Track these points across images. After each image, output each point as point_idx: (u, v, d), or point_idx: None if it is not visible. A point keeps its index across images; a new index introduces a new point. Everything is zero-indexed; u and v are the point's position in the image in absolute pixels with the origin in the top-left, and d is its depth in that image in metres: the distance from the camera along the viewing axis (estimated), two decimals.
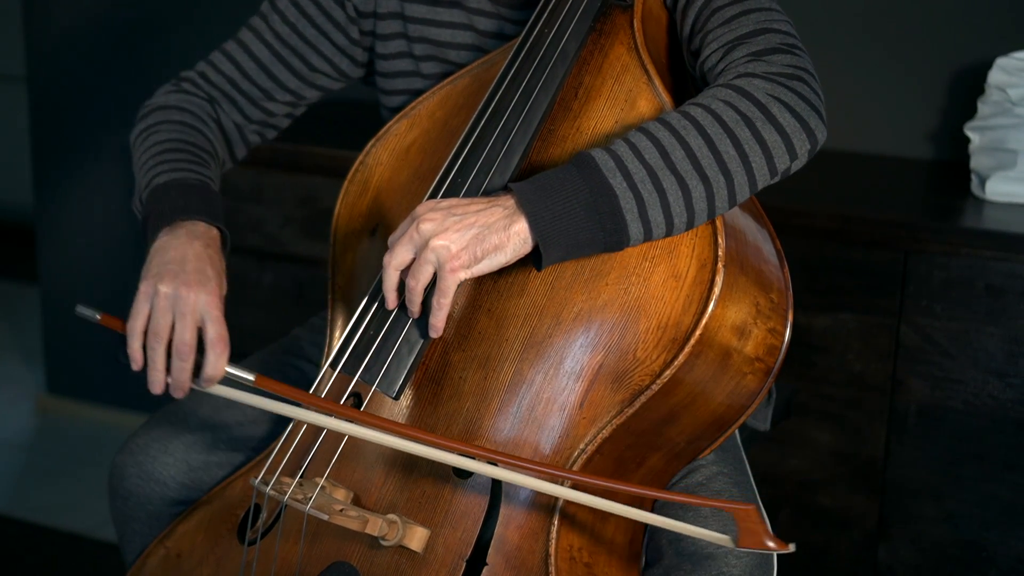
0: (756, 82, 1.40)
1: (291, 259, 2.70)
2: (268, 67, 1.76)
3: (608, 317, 1.41)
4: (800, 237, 2.26)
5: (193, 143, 1.68)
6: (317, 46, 1.75)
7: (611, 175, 1.34)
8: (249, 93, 1.77)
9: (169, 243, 1.51)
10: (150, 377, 1.46)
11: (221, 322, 1.45)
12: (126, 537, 1.74)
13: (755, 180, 1.38)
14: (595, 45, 1.54)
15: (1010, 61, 2.31)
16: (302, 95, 1.79)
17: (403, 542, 1.44)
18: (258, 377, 1.44)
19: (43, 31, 3.47)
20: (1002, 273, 2.15)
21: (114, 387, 3.58)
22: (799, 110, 1.39)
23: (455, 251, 1.35)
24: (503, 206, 1.36)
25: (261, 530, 1.58)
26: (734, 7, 1.49)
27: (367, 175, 1.67)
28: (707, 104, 1.38)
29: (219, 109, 1.77)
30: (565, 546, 1.43)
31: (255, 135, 1.81)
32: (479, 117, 1.53)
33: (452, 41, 1.73)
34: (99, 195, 3.48)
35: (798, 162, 1.41)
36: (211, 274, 1.48)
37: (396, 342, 1.47)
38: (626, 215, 1.34)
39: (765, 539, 1.28)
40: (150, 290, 1.47)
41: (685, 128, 1.36)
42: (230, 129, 1.78)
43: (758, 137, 1.37)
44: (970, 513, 2.23)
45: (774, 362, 1.48)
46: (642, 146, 1.35)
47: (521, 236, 1.35)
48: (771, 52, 1.43)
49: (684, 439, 1.49)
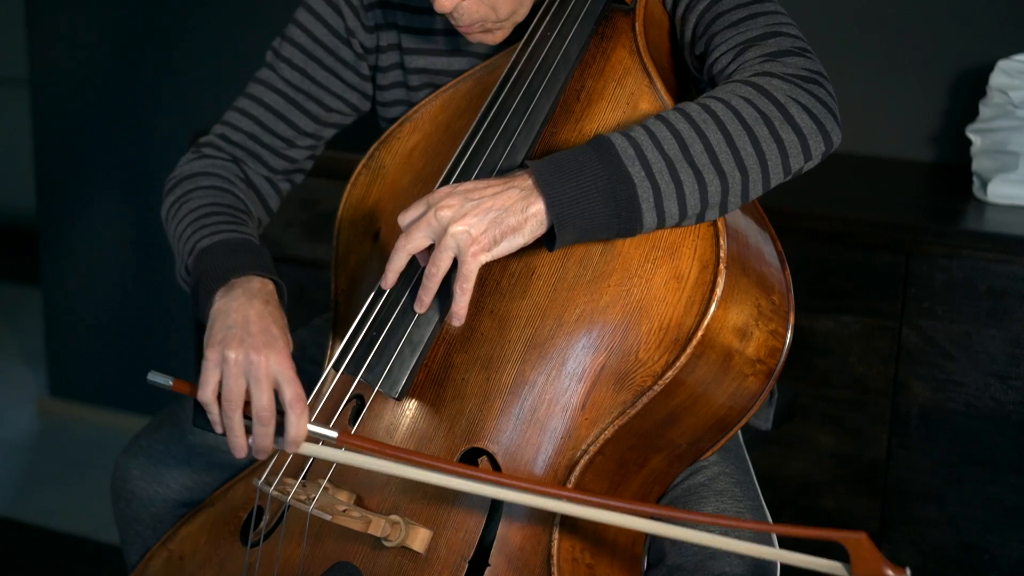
0: (775, 82, 1.40)
1: (293, 262, 2.70)
2: (285, 115, 1.74)
3: (610, 318, 1.41)
4: (802, 239, 2.26)
5: (228, 204, 1.66)
6: (329, 87, 1.74)
7: (630, 163, 1.34)
8: (271, 145, 1.75)
9: (228, 306, 1.47)
10: (232, 443, 1.43)
11: (296, 382, 1.41)
12: (128, 539, 1.74)
13: (769, 178, 1.39)
14: (597, 48, 1.54)
15: (1012, 63, 2.32)
16: (320, 136, 1.78)
17: (406, 543, 1.44)
18: (342, 433, 1.40)
19: (46, 34, 3.47)
20: (1004, 275, 2.15)
21: (115, 390, 3.58)
22: (817, 112, 1.40)
23: (475, 235, 1.34)
24: (519, 187, 1.35)
25: (264, 532, 1.58)
26: (739, 11, 1.49)
27: (370, 178, 1.67)
28: (727, 99, 1.39)
29: (245, 167, 1.75)
30: (567, 547, 1.43)
31: (285, 183, 1.80)
32: (482, 120, 1.53)
33: (449, 69, 1.72)
34: (101, 198, 3.48)
35: (812, 163, 1.42)
36: (276, 332, 1.44)
37: (399, 343, 1.47)
38: (642, 204, 1.34)
39: (884, 568, 1.24)
40: (217, 357, 1.42)
41: (705, 121, 1.37)
42: (260, 184, 1.76)
43: (776, 136, 1.38)
44: (972, 516, 2.23)
45: (776, 364, 1.48)
46: (661, 135, 1.36)
47: (538, 218, 1.35)
48: (785, 54, 1.44)
49: (686, 440, 1.49)
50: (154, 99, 3.37)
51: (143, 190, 3.41)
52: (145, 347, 3.51)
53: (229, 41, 3.26)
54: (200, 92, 3.30)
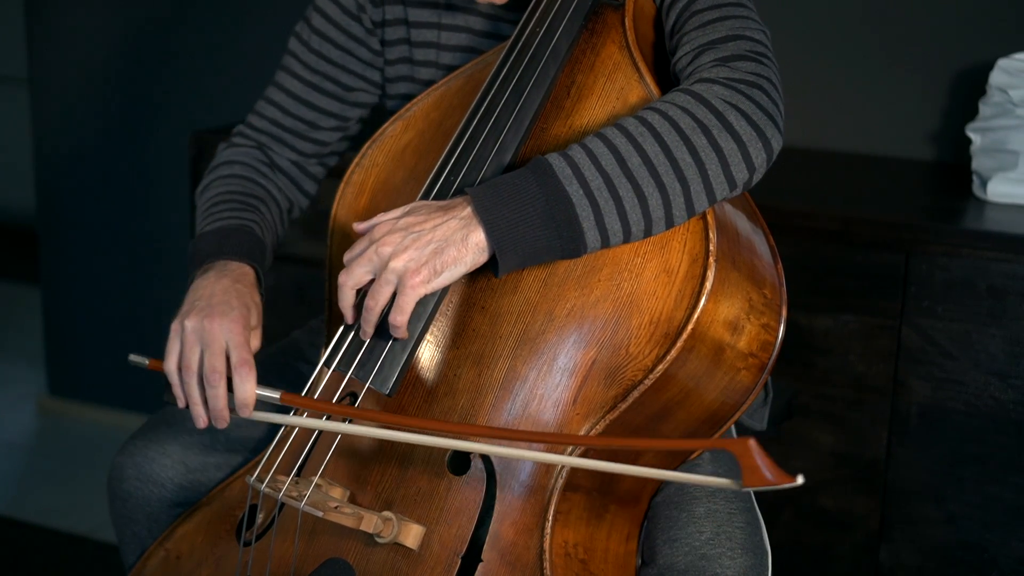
0: (715, 88, 1.40)
1: (292, 260, 2.70)
2: (305, 98, 1.79)
3: (600, 313, 1.41)
4: (802, 238, 2.25)
5: (241, 191, 1.73)
6: (345, 65, 1.78)
7: (567, 182, 1.34)
8: (295, 129, 1.80)
9: (199, 284, 1.56)
10: (192, 412, 1.50)
11: (244, 348, 1.48)
12: (125, 539, 1.75)
13: (712, 188, 1.38)
14: (587, 44, 1.54)
15: (1011, 62, 2.31)
16: (346, 116, 1.82)
17: (398, 539, 1.44)
18: (283, 394, 1.46)
19: (45, 33, 3.48)
20: (1003, 274, 2.14)
21: (115, 389, 3.58)
22: (755, 118, 1.39)
23: (414, 268, 1.36)
24: (459, 217, 1.37)
25: (259, 530, 1.58)
26: (712, 12, 1.49)
27: (363, 176, 1.67)
28: (664, 110, 1.39)
29: (270, 152, 1.81)
30: (560, 542, 1.43)
31: (317, 166, 1.84)
32: (472, 115, 1.53)
33: (448, 43, 1.73)
34: (101, 197, 3.49)
35: (757, 173, 1.41)
36: (235, 304, 1.52)
37: (389, 340, 1.47)
38: (583, 223, 1.34)
39: (767, 473, 1.19)
40: (178, 327, 1.51)
41: (642, 134, 1.37)
42: (288, 168, 1.81)
43: (714, 144, 1.37)
44: (971, 515, 2.22)
45: (768, 357, 1.48)
46: (599, 152, 1.36)
47: (479, 246, 1.36)
48: (737, 59, 1.43)
49: (679, 435, 1.49)
50: (154, 99, 3.37)
51: (143, 190, 3.41)
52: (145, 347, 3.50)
53: (229, 41, 3.26)
54: (200, 92, 3.30)
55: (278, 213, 1.78)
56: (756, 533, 1.52)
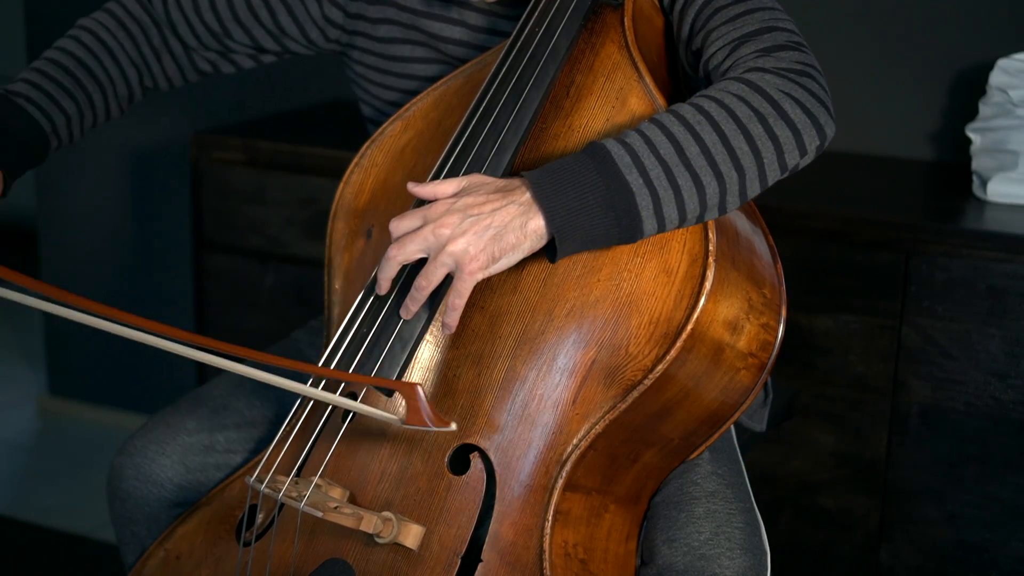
0: (768, 77, 1.40)
1: (293, 260, 2.71)
2: (235, 9, 1.75)
3: (600, 313, 1.41)
4: (802, 238, 2.25)
5: (74, 62, 1.81)
6: (291, 6, 1.74)
7: (627, 171, 1.33)
8: (210, 25, 1.76)
9: None
10: None
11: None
12: (125, 539, 1.75)
13: (766, 176, 1.38)
14: (586, 44, 1.54)
15: (1011, 62, 2.31)
16: (263, 46, 1.78)
17: (398, 539, 1.44)
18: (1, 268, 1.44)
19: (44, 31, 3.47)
20: (1003, 274, 2.14)
21: (115, 388, 3.58)
22: (810, 106, 1.40)
23: (473, 253, 1.34)
24: (518, 202, 1.35)
25: (259, 531, 1.58)
26: (737, 6, 1.49)
27: (362, 176, 1.67)
28: (719, 98, 1.38)
29: (174, 29, 1.77)
30: (560, 542, 1.43)
31: (206, 64, 1.81)
32: (471, 115, 1.53)
33: (442, 35, 1.72)
34: (101, 196, 3.48)
35: (807, 158, 1.41)
36: None
37: (389, 340, 1.47)
38: (641, 211, 1.34)
39: (424, 416, 1.32)
40: None
41: (699, 123, 1.36)
42: (176, 49, 1.78)
43: (770, 133, 1.37)
44: (971, 515, 2.22)
45: (768, 357, 1.48)
46: (657, 140, 1.35)
47: (538, 233, 1.34)
48: (779, 49, 1.43)
49: (678, 435, 1.50)
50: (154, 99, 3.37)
51: (143, 190, 3.41)
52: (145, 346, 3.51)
53: None
54: (200, 92, 3.30)
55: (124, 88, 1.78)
56: (755, 533, 1.52)
